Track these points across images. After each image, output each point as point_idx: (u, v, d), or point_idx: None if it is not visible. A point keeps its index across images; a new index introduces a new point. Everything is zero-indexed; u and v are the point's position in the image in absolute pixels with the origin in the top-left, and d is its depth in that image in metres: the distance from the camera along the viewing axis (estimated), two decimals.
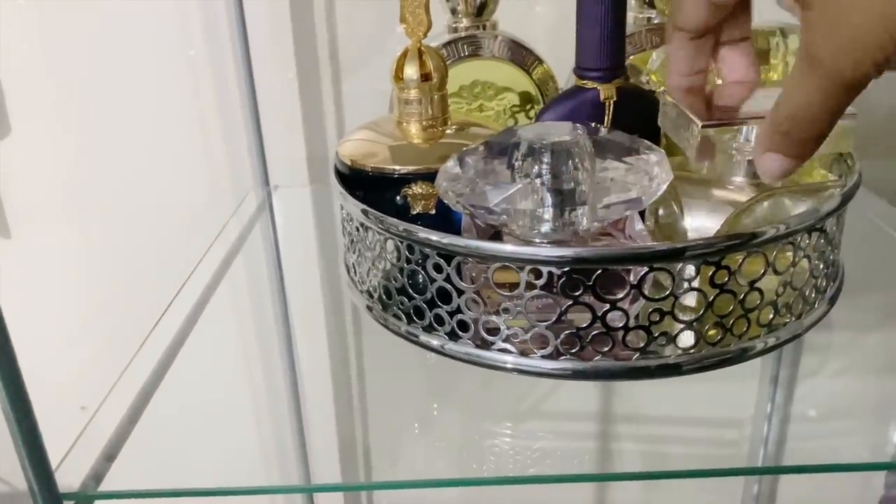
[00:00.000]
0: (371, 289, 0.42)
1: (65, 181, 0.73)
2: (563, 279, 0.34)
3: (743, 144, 0.37)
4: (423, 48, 0.43)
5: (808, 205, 0.38)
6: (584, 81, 0.43)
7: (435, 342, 0.39)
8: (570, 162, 0.36)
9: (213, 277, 0.55)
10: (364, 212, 0.40)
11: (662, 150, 0.38)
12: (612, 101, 0.43)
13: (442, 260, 0.36)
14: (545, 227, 0.36)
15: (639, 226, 0.39)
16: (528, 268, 0.34)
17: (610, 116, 0.43)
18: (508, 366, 0.37)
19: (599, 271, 0.34)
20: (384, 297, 0.41)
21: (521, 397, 0.50)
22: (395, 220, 0.38)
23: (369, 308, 0.43)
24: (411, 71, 0.42)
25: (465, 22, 0.49)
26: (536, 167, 0.36)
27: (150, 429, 0.41)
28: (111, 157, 0.71)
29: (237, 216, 0.64)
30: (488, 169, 0.38)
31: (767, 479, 0.79)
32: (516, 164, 0.37)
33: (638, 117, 0.44)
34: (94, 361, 0.75)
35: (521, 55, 0.49)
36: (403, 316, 0.40)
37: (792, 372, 0.57)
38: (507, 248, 0.35)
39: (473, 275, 0.36)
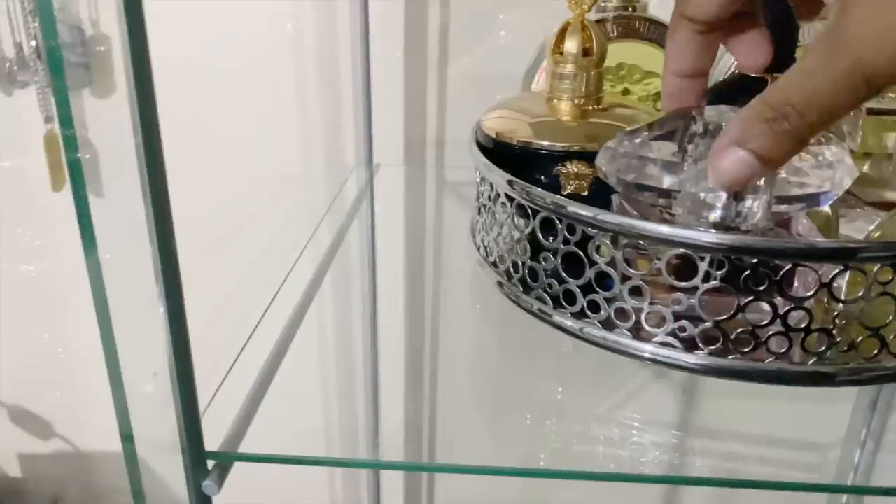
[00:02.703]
0: (511, 267, 0.40)
1: (164, 145, 0.72)
2: (749, 272, 0.32)
3: None
4: (585, 22, 0.40)
5: None
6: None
7: (569, 323, 0.37)
8: None
9: (324, 257, 0.53)
10: (525, 190, 0.37)
11: (843, 142, 0.36)
12: None
13: (608, 242, 0.34)
14: (714, 215, 0.34)
15: (806, 221, 0.36)
16: (709, 257, 0.32)
17: None
18: (668, 360, 0.34)
19: (789, 266, 0.31)
20: (528, 278, 0.39)
21: (602, 398, 0.48)
22: (569, 201, 0.35)
23: (500, 284, 0.41)
24: (572, 45, 0.40)
25: (614, 2, 0.46)
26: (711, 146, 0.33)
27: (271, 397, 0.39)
28: (211, 123, 0.70)
29: (341, 194, 0.63)
30: (655, 149, 0.35)
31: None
32: (689, 145, 0.34)
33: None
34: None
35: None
36: (549, 299, 0.38)
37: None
38: (699, 235, 0.32)
39: (639, 260, 0.34)
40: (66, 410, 0.89)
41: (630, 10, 0.46)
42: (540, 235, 0.37)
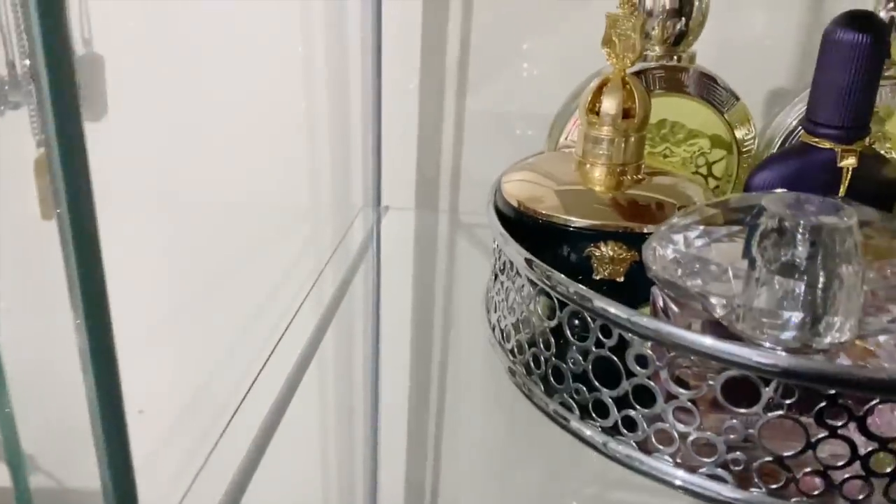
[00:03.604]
0: (531, 360, 0.35)
1: (158, 175, 0.67)
2: (825, 403, 0.26)
3: None
4: (627, 79, 0.35)
5: None
6: (817, 139, 0.35)
7: (592, 434, 0.31)
8: (838, 254, 0.27)
9: (325, 311, 0.48)
10: (546, 274, 0.32)
11: None
12: (851, 169, 0.35)
13: (651, 353, 0.29)
14: (787, 335, 0.28)
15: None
16: (776, 382, 0.26)
17: (845, 186, 0.35)
18: (715, 496, 0.29)
19: (876, 401, 0.26)
20: (553, 379, 0.33)
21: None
22: (596, 295, 0.30)
23: (512, 372, 0.36)
24: (610, 105, 0.35)
25: (658, 50, 0.41)
26: (788, 254, 0.28)
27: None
28: (211, 153, 0.65)
29: (345, 240, 0.58)
30: (716, 249, 0.30)
31: None
32: (757, 245, 0.29)
33: (879, 192, 0.36)
34: (161, 362, 0.70)
35: (716, 93, 0.42)
36: (575, 406, 0.32)
37: None
38: (766, 357, 0.26)
39: (690, 377, 0.28)
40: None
41: (675, 59, 0.41)
42: (567, 332, 0.32)
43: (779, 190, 0.31)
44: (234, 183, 0.65)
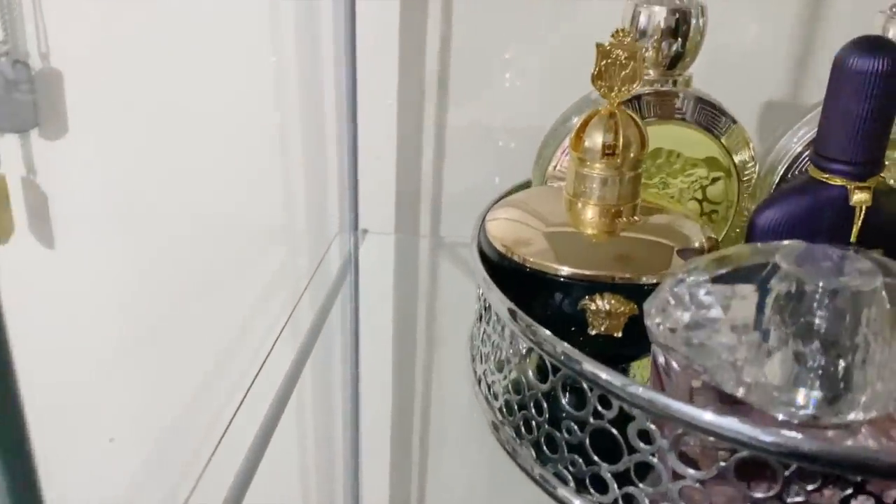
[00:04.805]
0: (521, 424, 0.32)
1: (122, 193, 0.64)
2: (851, 490, 0.23)
3: None
4: (618, 111, 0.32)
5: None
6: (827, 175, 0.32)
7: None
8: (861, 320, 0.25)
9: (304, 340, 0.45)
10: (531, 328, 0.29)
11: None
12: (864, 206, 0.32)
13: (654, 427, 0.26)
14: (806, 412, 0.25)
15: None
16: (795, 465, 0.24)
17: (859, 226, 0.32)
18: None
19: None
20: (546, 447, 0.30)
21: None
22: (585, 357, 0.27)
23: (496, 427, 0.33)
24: (599, 140, 0.32)
25: (652, 74, 0.38)
26: (804, 322, 0.25)
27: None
28: (177, 171, 0.61)
29: (322, 267, 0.54)
30: (725, 313, 0.27)
31: None
32: (770, 312, 0.26)
33: (891, 232, 0.33)
34: (129, 390, 0.66)
35: (714, 119, 0.39)
36: (569, 476, 0.29)
37: None
38: (783, 438, 0.23)
39: (697, 454, 0.26)
40: None
41: (671, 83, 0.38)
42: (562, 398, 0.29)
43: (787, 242, 0.28)
44: (203, 204, 0.62)
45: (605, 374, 0.26)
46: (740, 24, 0.51)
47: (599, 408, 0.27)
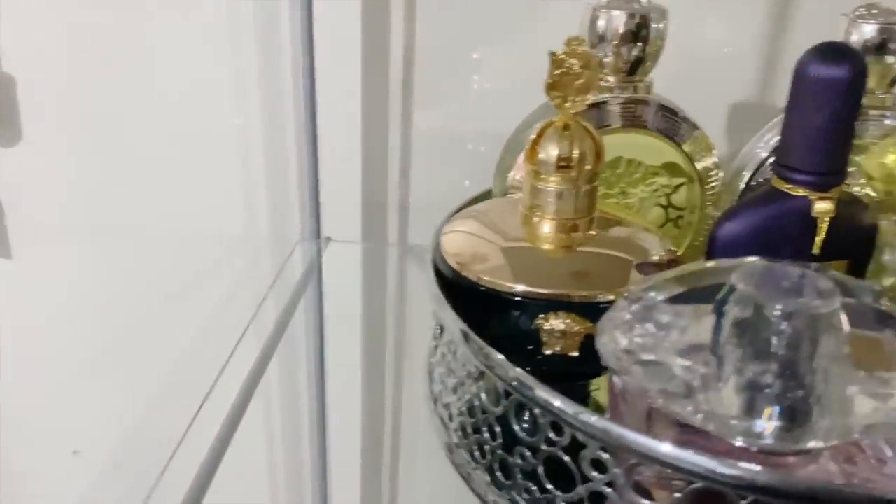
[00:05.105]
0: (476, 447, 0.31)
1: (79, 201, 0.62)
2: None
3: None
4: (573, 123, 0.31)
5: None
6: (790, 185, 0.32)
7: None
8: (819, 344, 0.23)
9: (265, 348, 0.44)
10: (483, 351, 0.28)
11: None
12: (828, 218, 0.31)
13: (607, 457, 0.25)
14: (766, 441, 0.24)
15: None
16: (754, 498, 0.23)
17: (822, 237, 0.31)
18: None
19: None
20: (500, 473, 0.29)
21: None
22: (538, 384, 0.26)
23: (450, 449, 0.32)
24: (554, 153, 0.30)
25: (611, 81, 0.37)
26: (761, 343, 0.24)
27: None
28: (136, 178, 0.60)
29: (282, 276, 0.53)
30: (678, 336, 0.26)
31: None
32: (726, 337, 0.25)
33: (854, 242, 0.32)
34: (92, 402, 0.65)
35: (675, 126, 0.38)
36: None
37: None
38: (741, 471, 0.22)
39: (652, 484, 0.25)
40: None
41: (632, 89, 0.37)
42: (515, 424, 0.28)
43: (747, 260, 0.27)
44: (162, 213, 0.60)
45: (557, 402, 0.25)
46: (707, 26, 0.49)
47: (552, 435, 0.26)
